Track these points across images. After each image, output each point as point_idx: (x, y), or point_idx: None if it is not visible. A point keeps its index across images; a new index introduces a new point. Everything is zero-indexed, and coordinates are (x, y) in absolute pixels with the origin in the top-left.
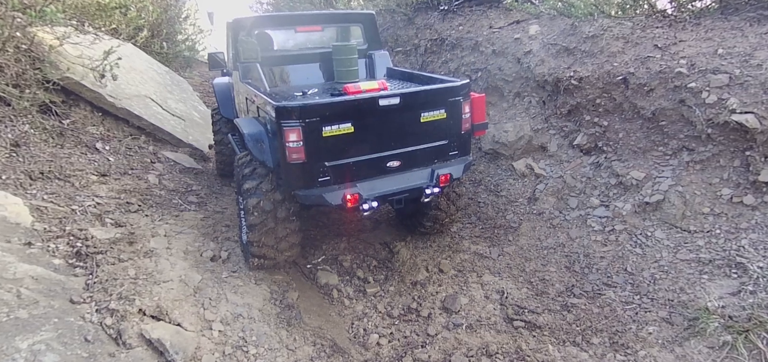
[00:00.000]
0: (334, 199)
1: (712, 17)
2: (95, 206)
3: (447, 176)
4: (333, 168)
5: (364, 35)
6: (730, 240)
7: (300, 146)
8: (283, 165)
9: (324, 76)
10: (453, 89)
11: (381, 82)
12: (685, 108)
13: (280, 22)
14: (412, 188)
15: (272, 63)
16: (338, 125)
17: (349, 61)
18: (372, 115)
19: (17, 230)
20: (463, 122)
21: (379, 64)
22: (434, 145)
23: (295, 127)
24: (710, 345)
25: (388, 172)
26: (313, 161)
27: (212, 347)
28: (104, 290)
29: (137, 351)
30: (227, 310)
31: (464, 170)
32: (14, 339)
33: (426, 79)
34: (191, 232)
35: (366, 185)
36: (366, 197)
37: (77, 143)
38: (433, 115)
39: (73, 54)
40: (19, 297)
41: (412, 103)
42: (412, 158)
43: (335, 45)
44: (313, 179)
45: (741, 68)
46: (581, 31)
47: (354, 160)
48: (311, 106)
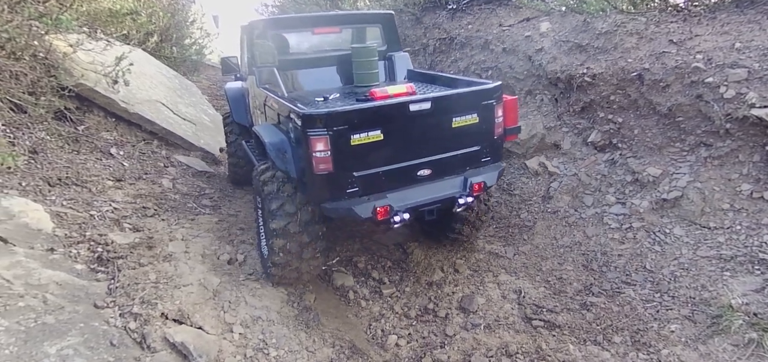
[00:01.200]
0: (363, 212)
1: (727, 11)
2: (113, 211)
3: (480, 185)
4: (361, 178)
5: (383, 36)
6: (751, 236)
7: (327, 155)
8: (309, 176)
9: (342, 80)
10: (486, 92)
11: (409, 85)
12: (702, 103)
13: (297, 24)
14: (444, 198)
15: (288, 67)
16: (367, 133)
17: (369, 64)
18: (402, 121)
19: (39, 237)
20: (496, 127)
21: (400, 66)
22: (466, 151)
23: (322, 136)
24: (735, 343)
25: (419, 181)
26: (340, 172)
27: (234, 350)
28: (127, 294)
29: (162, 354)
30: (246, 313)
31: (498, 177)
32: (43, 345)
33: (449, 81)
34: (207, 235)
35: (396, 195)
36: (397, 208)
37: (92, 148)
38: (465, 119)
39: (86, 60)
40: (45, 302)
41: (444, 107)
42: (443, 166)
43: (355, 47)
44: (340, 190)
45: (760, 62)
46: (594, 27)
47: (383, 169)
48: (339, 113)
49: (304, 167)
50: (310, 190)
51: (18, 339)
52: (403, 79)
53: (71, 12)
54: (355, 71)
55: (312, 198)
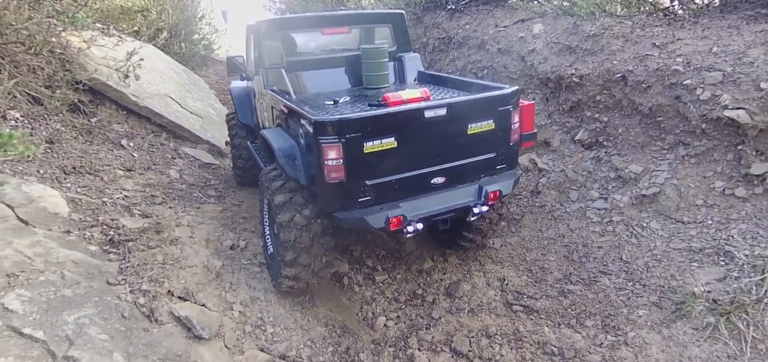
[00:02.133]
0: (376, 222)
1: (709, 16)
2: (123, 198)
3: (496, 193)
4: (374, 187)
5: (393, 36)
6: (720, 230)
7: (339, 164)
8: (320, 184)
9: (351, 81)
10: (503, 98)
11: (423, 90)
12: (680, 104)
13: (306, 24)
14: (458, 208)
15: (296, 67)
16: (380, 140)
17: (379, 65)
18: (416, 128)
19: (56, 220)
20: (512, 133)
21: (410, 67)
22: (481, 158)
23: (335, 143)
24: (695, 326)
25: (432, 189)
26: (353, 180)
27: (234, 325)
28: (136, 273)
29: (168, 326)
30: (246, 294)
31: (513, 184)
32: (62, 314)
33: (460, 84)
34: (211, 223)
35: (409, 204)
36: (410, 218)
37: (104, 140)
38: (481, 126)
39: (98, 56)
40: (63, 278)
41: (460, 113)
42: (457, 174)
43: (365, 48)
44: (352, 199)
45: (734, 66)
46: (583, 29)
47: (396, 177)
48: (353, 120)
49: (315, 175)
50: (320, 199)
51: (40, 308)
52: (413, 81)
53: (86, 10)
54: (365, 73)
55: (322, 207)
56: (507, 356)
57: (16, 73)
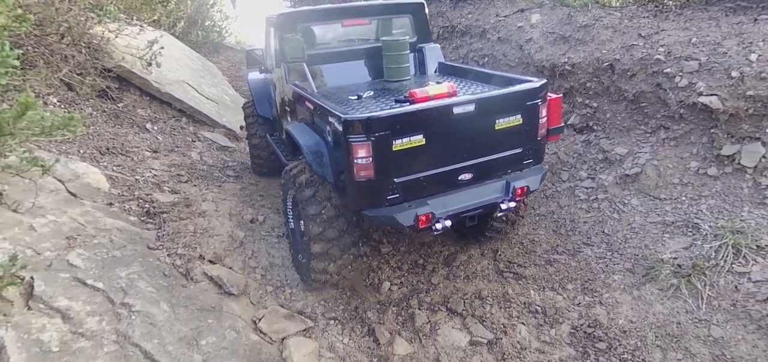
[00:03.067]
0: (405, 219)
1: (692, 8)
2: (153, 177)
3: (524, 189)
4: (402, 184)
5: (414, 27)
6: (692, 205)
7: (369, 162)
8: (349, 183)
9: (370, 74)
10: (531, 92)
11: (449, 85)
12: (661, 91)
13: (326, 15)
14: (486, 204)
15: (316, 61)
16: (409, 138)
17: (400, 58)
18: (444, 124)
19: (99, 194)
20: (540, 127)
21: (430, 58)
22: (508, 154)
23: (365, 142)
24: (660, 287)
25: (460, 186)
26: (382, 178)
27: (257, 285)
28: (172, 240)
29: (202, 284)
30: (266, 260)
31: (541, 180)
32: (115, 270)
33: (481, 76)
34: (232, 199)
35: (437, 201)
36: (438, 215)
37: (131, 123)
38: (509, 121)
39: (122, 44)
40: (112, 242)
41: (488, 109)
42: (485, 170)
43: (385, 40)
44: (381, 196)
45: (709, 55)
46: (576, 20)
47: (424, 174)
48: (382, 118)
49: (343, 173)
50: (349, 197)
51: (97, 264)
52: (433, 72)
53: (116, 2)
54: (386, 65)
55: (351, 205)
56: (496, 314)
57: (53, 62)
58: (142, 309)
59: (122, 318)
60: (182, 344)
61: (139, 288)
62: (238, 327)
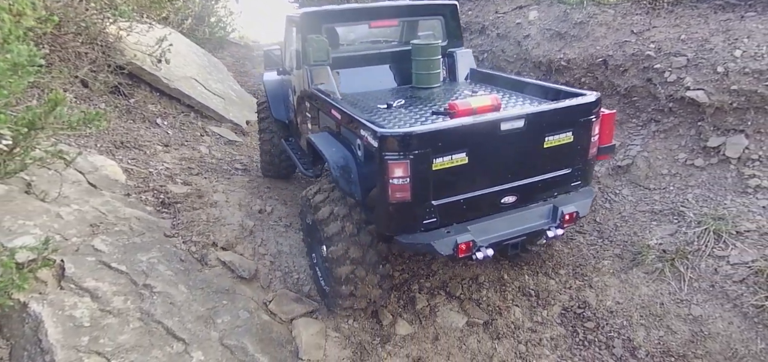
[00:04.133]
0: (444, 248)
1: (683, 5)
2: (165, 169)
3: (573, 215)
4: (441, 208)
5: (445, 30)
6: (679, 195)
7: (406, 182)
8: (382, 204)
9: (397, 79)
10: (586, 107)
11: (493, 97)
12: (651, 86)
13: (353, 16)
14: (532, 232)
15: (340, 64)
16: (451, 156)
17: (431, 63)
18: (490, 141)
19: (117, 185)
20: (591, 146)
21: (462, 64)
22: (556, 174)
23: (402, 160)
24: (646, 271)
25: (503, 209)
26: (419, 201)
27: (266, 271)
28: (186, 229)
29: (216, 268)
30: (275, 248)
31: (590, 204)
32: (136, 254)
33: (515, 84)
34: (241, 191)
35: (478, 227)
36: (479, 243)
37: (142, 119)
38: (559, 138)
39: (132, 42)
40: (132, 229)
41: (538, 125)
42: (530, 192)
43: (416, 43)
44: (417, 220)
45: (696, 52)
46: (572, 17)
47: (465, 197)
48: (424, 134)
49: (376, 193)
50: (381, 219)
51: (119, 249)
52: (465, 79)
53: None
54: (415, 71)
55: (383, 229)
56: (492, 297)
57: (69, 60)
58: (163, 290)
59: (145, 298)
60: (200, 322)
61: (159, 271)
62: (251, 307)
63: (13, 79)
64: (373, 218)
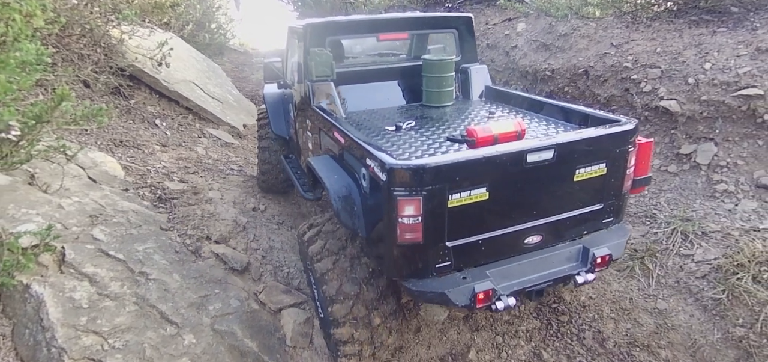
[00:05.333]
0: (460, 298)
1: (661, 20)
2: (163, 168)
3: (606, 258)
4: (456, 249)
5: (458, 45)
6: (653, 199)
7: (417, 222)
8: (390, 245)
9: (405, 97)
10: (623, 136)
11: (517, 122)
12: (629, 95)
13: (360, 28)
14: (559, 278)
15: (344, 79)
16: (470, 192)
17: (443, 80)
18: (514, 174)
19: (115, 181)
20: (626, 179)
21: (476, 81)
22: (586, 211)
23: (414, 197)
24: (618, 269)
25: (526, 251)
26: (431, 242)
27: (258, 264)
28: (182, 223)
29: (209, 260)
30: (266, 244)
31: (624, 245)
32: (133, 244)
33: (533, 104)
34: (236, 189)
35: (498, 271)
36: (500, 291)
37: (142, 119)
38: (592, 171)
39: (133, 45)
40: (129, 222)
41: (568, 156)
42: (557, 231)
43: (427, 59)
44: (429, 264)
45: (670, 64)
46: (557, 29)
47: (483, 237)
48: (440, 167)
49: (382, 232)
50: (388, 263)
51: (117, 239)
52: (479, 98)
53: (132, 6)
54: (426, 88)
55: (389, 272)
56: None
57: (73, 60)
58: (158, 278)
59: (140, 284)
60: (192, 308)
61: (155, 261)
62: (241, 297)
63: (22, 75)
64: (378, 260)
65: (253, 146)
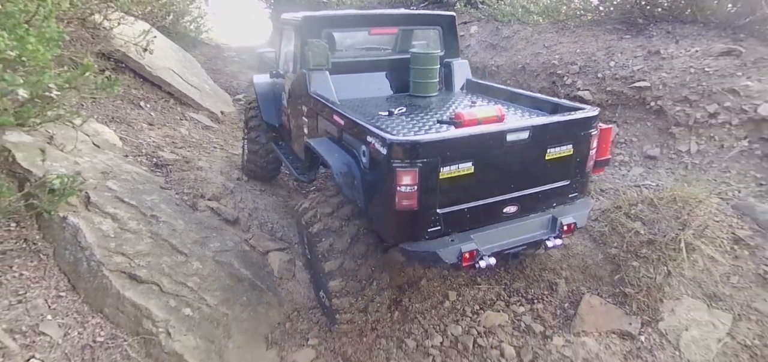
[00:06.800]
0: (448, 256)
1: (584, 27)
2: (153, 142)
3: (572, 226)
4: (445, 216)
5: (442, 41)
6: None
7: (413, 191)
8: (388, 213)
9: (392, 87)
10: (587, 121)
11: (498, 108)
12: (555, 87)
13: (353, 21)
14: (532, 241)
15: (337, 70)
16: (458, 166)
17: (429, 72)
18: (496, 151)
19: (116, 148)
20: (589, 159)
21: (458, 74)
22: (555, 186)
23: (411, 169)
24: None
25: (504, 219)
26: (425, 209)
27: (246, 219)
28: (178, 184)
29: (205, 212)
30: (252, 205)
31: (587, 215)
32: (142, 196)
33: (510, 95)
34: (221, 162)
35: (481, 236)
36: (483, 252)
37: (128, 101)
38: (561, 151)
39: (118, 32)
40: (134, 179)
41: (541, 137)
42: (530, 202)
43: (415, 53)
44: (421, 229)
45: (585, 62)
46: (502, 32)
47: (468, 206)
48: (433, 142)
49: (381, 200)
50: (387, 228)
51: (128, 191)
52: (461, 90)
53: None
54: (413, 79)
55: (387, 237)
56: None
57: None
58: (166, 220)
59: (153, 224)
60: (196, 244)
61: (161, 209)
62: (235, 240)
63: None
64: (377, 226)
65: (231, 131)
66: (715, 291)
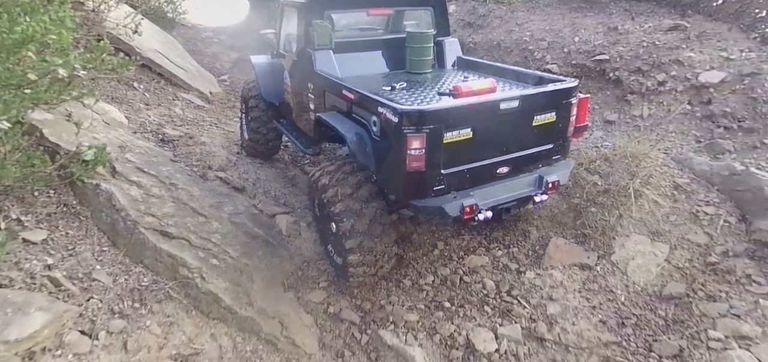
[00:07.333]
0: (452, 210)
1: (553, 6)
2: (154, 121)
3: (556, 183)
4: (448, 176)
5: (434, 20)
6: None
7: (421, 153)
8: (399, 174)
9: (388, 65)
10: (567, 91)
11: (490, 81)
12: (527, 62)
13: (353, 3)
14: (522, 197)
15: (339, 49)
16: (459, 131)
17: (424, 50)
18: (491, 119)
19: (123, 125)
20: (570, 125)
21: (449, 52)
22: (541, 149)
23: (419, 134)
24: None
25: (498, 178)
26: (431, 170)
27: (251, 188)
28: (186, 157)
29: (215, 182)
30: (254, 176)
31: (569, 174)
32: (158, 166)
33: (497, 71)
34: (220, 138)
35: (479, 193)
36: (481, 206)
37: (123, 82)
38: (545, 118)
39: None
40: (147, 153)
41: (529, 106)
42: (520, 164)
43: (410, 32)
44: (428, 188)
45: (553, 38)
46: (478, 11)
47: (468, 167)
48: (438, 111)
49: (391, 164)
50: (399, 187)
51: (144, 162)
52: (452, 66)
53: None
54: (409, 57)
55: (398, 196)
56: None
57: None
58: (184, 187)
59: (173, 190)
60: (213, 208)
61: (177, 178)
62: (245, 204)
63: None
64: (388, 187)
65: (222, 110)
66: (657, 228)
